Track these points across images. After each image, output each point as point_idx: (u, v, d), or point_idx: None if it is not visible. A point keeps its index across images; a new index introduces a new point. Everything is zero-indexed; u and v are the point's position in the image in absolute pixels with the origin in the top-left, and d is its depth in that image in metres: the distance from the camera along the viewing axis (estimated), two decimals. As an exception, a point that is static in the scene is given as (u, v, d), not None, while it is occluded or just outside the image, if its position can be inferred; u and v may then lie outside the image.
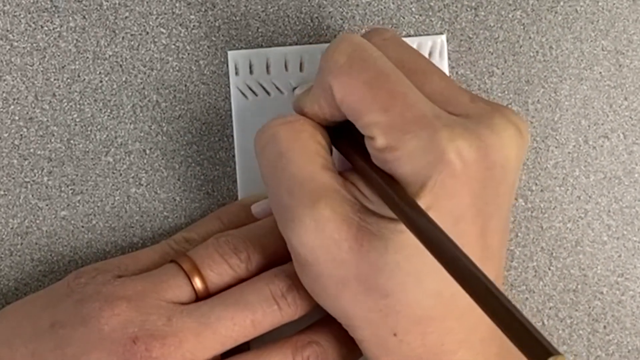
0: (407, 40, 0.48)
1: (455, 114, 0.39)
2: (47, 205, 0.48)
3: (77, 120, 0.48)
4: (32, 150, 0.47)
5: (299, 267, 0.41)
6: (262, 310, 0.43)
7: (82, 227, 0.48)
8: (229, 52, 0.48)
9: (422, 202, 0.37)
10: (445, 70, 0.48)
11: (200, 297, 0.43)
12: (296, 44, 0.48)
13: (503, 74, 0.49)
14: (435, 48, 0.48)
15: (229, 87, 0.48)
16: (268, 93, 0.48)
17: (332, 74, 0.40)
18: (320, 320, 0.46)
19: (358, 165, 0.41)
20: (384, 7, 0.48)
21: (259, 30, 0.48)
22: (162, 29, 0.48)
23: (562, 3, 0.49)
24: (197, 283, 0.43)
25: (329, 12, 0.48)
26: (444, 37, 0.48)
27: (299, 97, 0.43)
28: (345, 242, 0.39)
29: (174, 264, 0.44)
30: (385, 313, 0.40)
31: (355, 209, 0.39)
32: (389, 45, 0.41)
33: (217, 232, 0.46)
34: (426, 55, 0.48)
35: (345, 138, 0.42)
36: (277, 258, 0.45)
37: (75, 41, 0.47)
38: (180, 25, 0.48)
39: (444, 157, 0.37)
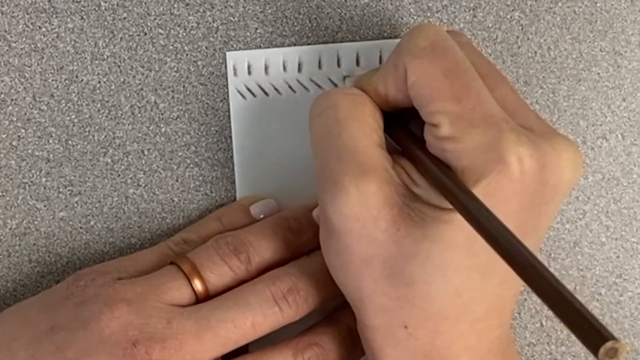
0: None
1: (520, 125, 0.39)
2: (45, 206, 0.48)
3: (75, 121, 0.47)
4: (30, 151, 0.47)
5: (325, 236, 0.41)
6: (262, 312, 0.43)
7: (81, 228, 0.48)
8: (227, 53, 0.48)
9: None
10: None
11: (200, 299, 0.43)
12: (294, 45, 0.48)
13: (501, 74, 0.49)
14: (433, 49, 0.48)
15: (227, 87, 0.48)
16: (266, 94, 0.48)
17: (411, 55, 0.40)
18: (321, 322, 0.46)
19: (410, 149, 0.41)
20: (383, 8, 0.48)
21: (257, 31, 0.48)
22: (160, 30, 0.48)
23: (560, 4, 0.49)
24: (197, 285, 0.43)
25: (327, 13, 0.48)
26: (442, 37, 0.48)
27: (362, 76, 0.43)
28: (383, 221, 0.39)
29: (173, 266, 0.44)
30: (402, 303, 0.40)
31: (401, 192, 0.39)
32: (464, 47, 0.41)
33: (216, 233, 0.46)
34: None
35: (396, 123, 0.42)
36: (277, 259, 0.45)
37: (73, 42, 0.47)
38: (179, 26, 0.48)
39: (506, 159, 0.37)
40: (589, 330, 0.29)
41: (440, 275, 0.39)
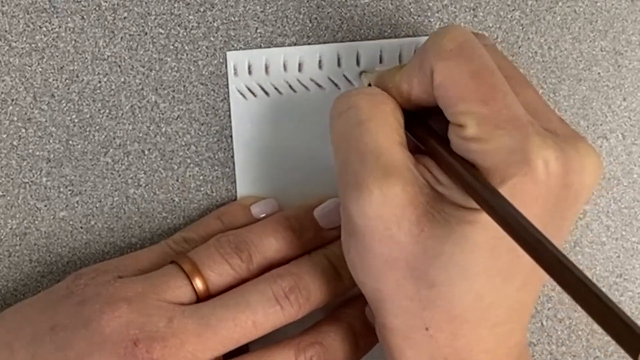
0: (405, 40, 0.48)
1: (544, 128, 0.39)
2: (45, 206, 0.48)
3: (76, 120, 0.47)
4: (30, 151, 0.47)
5: (347, 237, 0.41)
6: (263, 311, 0.43)
7: (81, 227, 0.48)
8: (228, 53, 0.48)
9: None
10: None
11: (201, 298, 0.43)
12: (295, 45, 0.48)
13: (502, 74, 0.49)
14: (434, 48, 0.48)
15: (227, 87, 0.48)
16: (267, 94, 0.48)
17: (438, 56, 0.40)
18: (323, 321, 0.46)
19: (433, 148, 0.41)
20: (383, 8, 0.48)
21: (258, 30, 0.48)
22: (160, 30, 0.48)
23: (560, 4, 0.49)
24: (198, 284, 0.43)
25: (328, 13, 0.48)
26: (442, 37, 0.48)
27: (383, 74, 0.43)
28: (407, 222, 0.39)
29: (174, 265, 0.44)
30: (424, 305, 0.40)
31: (424, 191, 0.39)
32: (489, 50, 0.41)
33: (217, 232, 0.46)
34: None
35: (416, 121, 0.42)
36: (279, 258, 0.45)
37: (73, 42, 0.47)
38: (179, 25, 0.48)
39: (532, 162, 0.37)
40: (628, 333, 0.29)
41: (462, 277, 0.39)
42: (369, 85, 0.46)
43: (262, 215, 0.47)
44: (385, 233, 0.39)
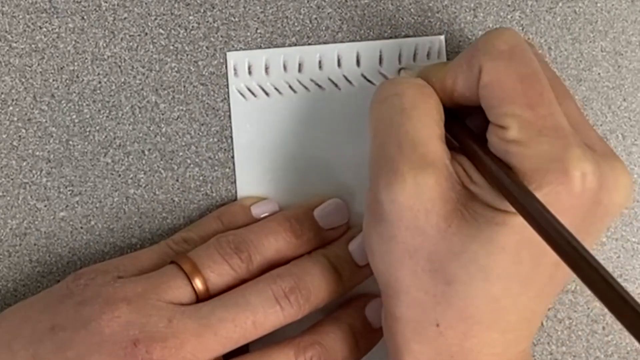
0: (405, 41, 0.48)
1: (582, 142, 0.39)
2: (45, 206, 0.48)
3: (76, 121, 0.47)
4: (30, 151, 0.47)
5: (371, 222, 0.41)
6: (263, 311, 0.43)
7: (81, 228, 0.48)
8: (228, 53, 0.48)
9: None
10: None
11: (200, 298, 0.43)
12: (295, 45, 0.48)
13: (502, 75, 0.49)
14: (433, 49, 0.48)
15: (227, 88, 0.48)
16: (267, 94, 0.48)
17: (489, 56, 0.40)
18: (323, 321, 0.46)
19: (470, 147, 0.41)
20: (383, 8, 0.48)
21: (258, 31, 0.48)
22: (160, 30, 0.48)
23: (560, 4, 0.49)
24: (198, 284, 0.43)
25: (328, 13, 0.48)
26: (442, 37, 0.49)
27: (427, 68, 0.43)
28: (435, 215, 0.39)
29: (174, 265, 0.44)
30: (438, 300, 0.40)
31: (457, 188, 0.39)
32: (537, 58, 0.41)
33: (217, 232, 0.46)
34: (425, 56, 0.48)
35: (454, 119, 0.42)
36: (279, 258, 0.45)
37: (74, 42, 0.47)
38: (179, 26, 0.48)
39: (569, 172, 0.37)
40: None
41: (482, 278, 0.39)
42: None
43: (262, 216, 0.47)
44: (412, 223, 0.39)
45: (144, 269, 0.44)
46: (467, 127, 0.42)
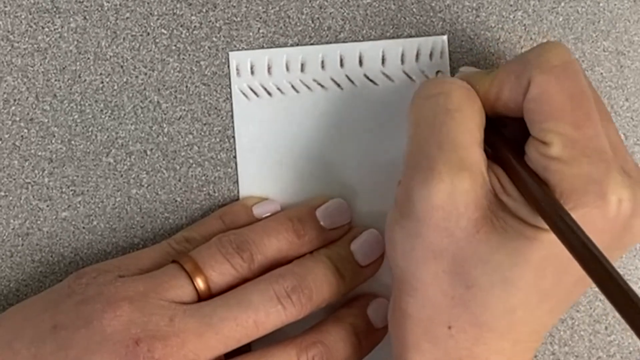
0: (408, 41, 0.48)
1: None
2: (47, 206, 0.48)
3: (78, 121, 0.47)
4: (32, 151, 0.47)
5: (397, 217, 0.41)
6: (265, 311, 0.42)
7: (83, 228, 0.48)
8: (230, 53, 0.48)
9: None
10: (447, 71, 0.48)
11: (202, 298, 0.43)
12: (297, 45, 0.48)
13: (504, 74, 0.49)
14: (436, 49, 0.48)
15: (230, 88, 0.48)
16: (269, 94, 0.48)
17: (540, 69, 0.40)
18: (325, 320, 0.46)
19: (507, 158, 0.41)
20: (385, 8, 0.48)
21: (260, 31, 0.48)
22: (163, 30, 0.48)
23: (563, 4, 0.49)
24: (199, 283, 0.43)
25: (330, 13, 0.48)
26: (445, 37, 0.48)
27: (469, 76, 0.43)
28: (466, 220, 0.39)
29: (175, 264, 0.44)
30: (455, 302, 0.40)
31: (490, 197, 0.39)
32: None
33: (218, 232, 0.46)
34: (427, 56, 0.48)
35: (493, 129, 0.42)
36: (280, 258, 0.45)
37: (76, 42, 0.47)
38: (182, 26, 0.48)
39: (607, 197, 0.37)
40: None
41: (503, 287, 0.39)
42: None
43: (264, 216, 0.47)
44: (441, 224, 0.39)
45: (145, 268, 0.44)
46: (505, 137, 0.42)
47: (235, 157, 0.48)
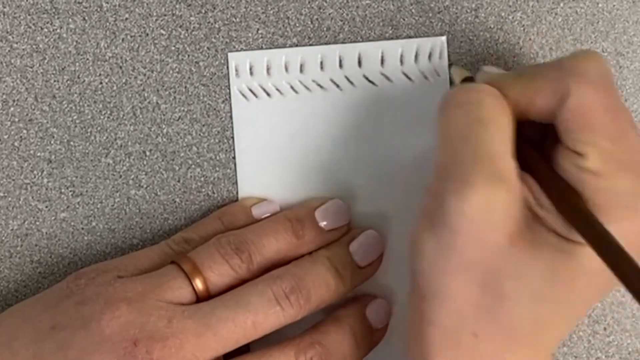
0: (407, 41, 0.48)
1: None
2: (46, 207, 0.48)
3: (77, 121, 0.47)
4: (31, 151, 0.47)
5: (427, 226, 0.40)
6: (263, 312, 0.42)
7: (82, 229, 0.48)
8: (229, 54, 0.48)
9: None
10: (445, 71, 0.48)
11: (200, 298, 0.43)
12: (296, 46, 0.48)
13: (503, 75, 0.49)
14: (435, 49, 0.48)
15: (229, 88, 0.48)
16: (268, 95, 0.48)
17: (580, 79, 0.39)
18: (323, 321, 0.46)
19: (541, 170, 0.40)
20: (384, 9, 0.48)
21: (259, 31, 0.48)
22: (162, 31, 0.48)
23: (562, 5, 0.49)
24: (198, 284, 0.43)
25: (329, 14, 0.48)
26: (444, 38, 0.48)
27: (496, 78, 0.42)
28: (500, 232, 0.38)
29: (174, 265, 0.44)
30: (481, 312, 0.39)
31: (524, 209, 0.39)
32: None
33: (217, 233, 0.46)
34: (426, 57, 0.48)
35: (524, 140, 0.41)
36: (279, 258, 0.45)
37: (75, 43, 0.47)
38: (180, 26, 0.48)
39: None
40: None
41: (532, 300, 0.39)
42: (464, 80, 0.46)
43: (263, 217, 0.47)
44: (475, 235, 0.38)
45: (144, 268, 0.44)
46: (533, 145, 0.41)
47: (234, 157, 0.48)
